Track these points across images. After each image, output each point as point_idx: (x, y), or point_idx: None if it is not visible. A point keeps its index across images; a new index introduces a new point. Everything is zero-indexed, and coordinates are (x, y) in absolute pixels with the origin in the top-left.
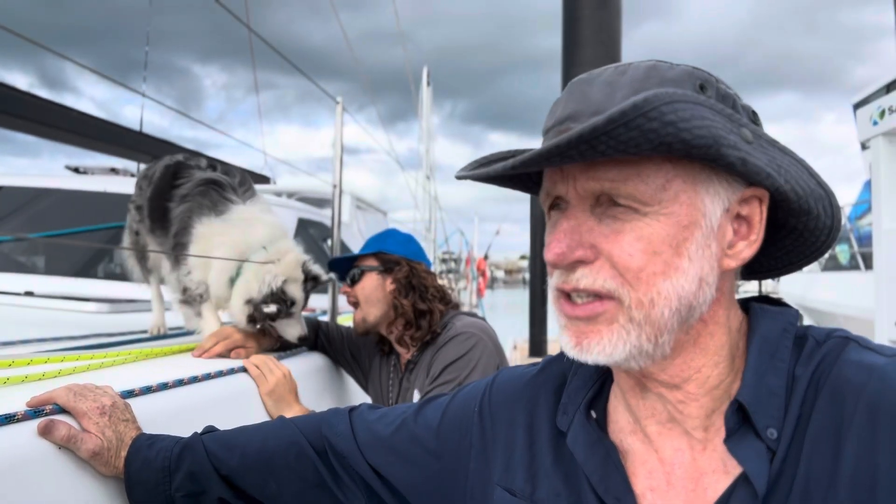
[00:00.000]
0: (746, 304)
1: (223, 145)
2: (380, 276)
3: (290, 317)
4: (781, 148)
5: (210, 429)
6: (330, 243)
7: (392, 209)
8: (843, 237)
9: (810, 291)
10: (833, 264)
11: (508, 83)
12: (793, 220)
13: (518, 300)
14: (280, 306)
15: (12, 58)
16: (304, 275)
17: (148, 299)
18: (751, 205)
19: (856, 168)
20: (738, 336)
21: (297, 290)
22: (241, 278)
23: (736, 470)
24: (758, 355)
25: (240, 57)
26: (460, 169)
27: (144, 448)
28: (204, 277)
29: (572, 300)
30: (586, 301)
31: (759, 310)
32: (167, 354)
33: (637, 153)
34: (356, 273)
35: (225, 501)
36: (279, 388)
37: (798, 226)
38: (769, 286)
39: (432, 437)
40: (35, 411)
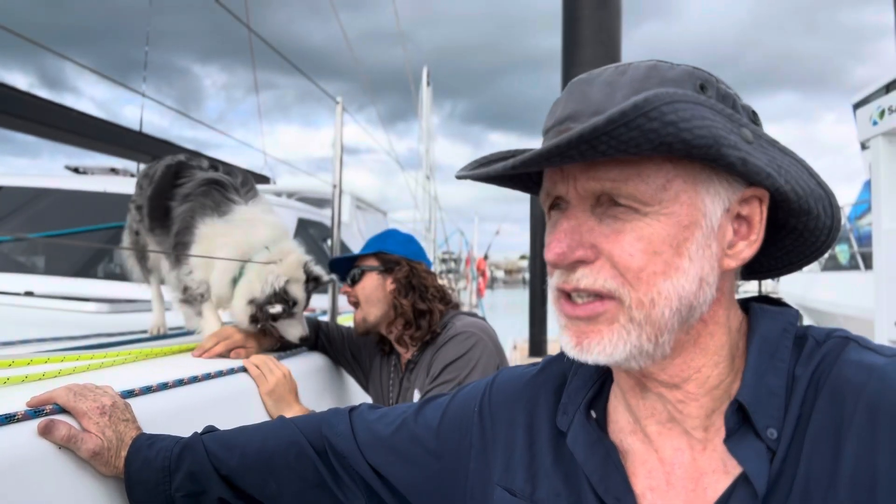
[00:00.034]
0: (746, 305)
1: (223, 145)
2: (380, 275)
3: (292, 317)
4: (781, 148)
5: (210, 429)
6: (330, 243)
7: (392, 209)
8: (843, 237)
9: (810, 291)
10: (833, 264)
11: (508, 83)
12: (793, 220)
13: (518, 300)
14: (284, 307)
15: (12, 58)
16: (306, 275)
17: (148, 299)
18: (751, 205)
19: (856, 168)
20: (738, 336)
21: (299, 290)
22: (243, 278)
23: (736, 470)
24: (758, 355)
25: (240, 57)
26: (460, 169)
27: (144, 448)
28: (205, 277)
29: (572, 300)
30: (587, 301)
31: (758, 310)
32: (167, 354)
33: (637, 153)
34: (356, 273)
35: (225, 501)
36: (279, 387)
37: (798, 226)
38: (769, 286)
39: (432, 436)
40: (35, 411)
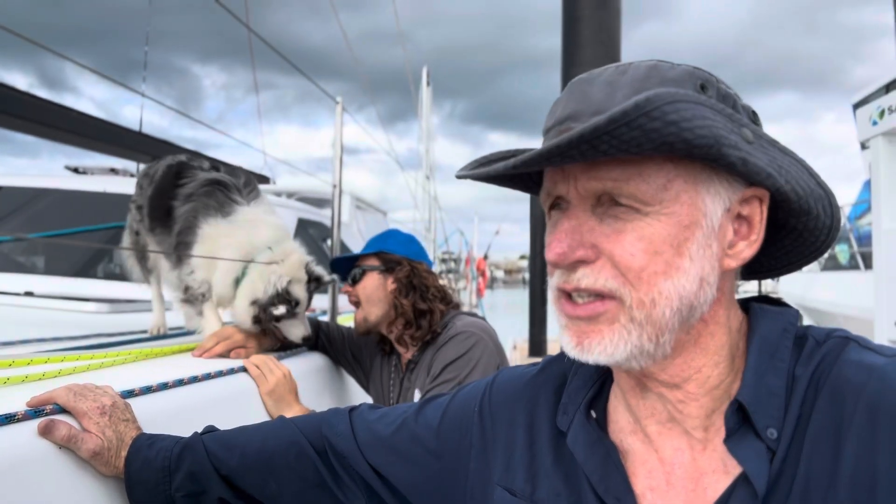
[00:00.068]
0: (746, 305)
1: (223, 145)
2: (381, 275)
3: (294, 317)
4: (781, 148)
5: (210, 429)
6: (330, 243)
7: (392, 209)
8: (843, 237)
9: (810, 291)
10: (833, 264)
11: (508, 83)
12: (793, 220)
13: (518, 300)
14: (288, 307)
15: (12, 58)
16: (308, 275)
17: (148, 299)
18: (751, 205)
19: (855, 168)
20: (738, 336)
21: (301, 290)
22: (246, 279)
23: (736, 470)
24: (758, 355)
25: (239, 57)
26: (461, 168)
27: (144, 448)
28: (207, 276)
29: (573, 300)
30: (587, 301)
31: (759, 310)
32: (167, 354)
33: (639, 153)
34: (357, 272)
35: (225, 501)
36: (279, 387)
37: (798, 226)
38: (769, 286)
39: (432, 436)
40: (35, 411)
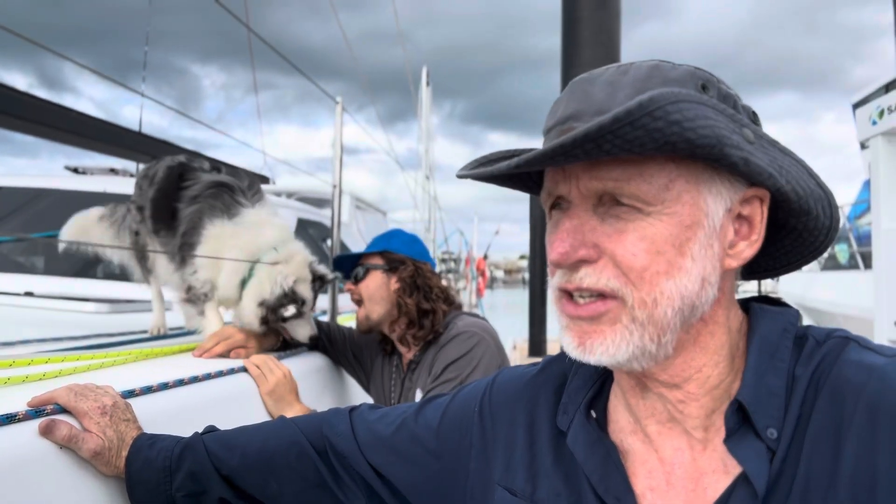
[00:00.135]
0: (747, 305)
1: (222, 145)
2: (384, 274)
3: (301, 317)
4: (782, 148)
5: (211, 429)
6: (329, 243)
7: (391, 209)
8: (843, 237)
9: (810, 291)
10: (832, 264)
11: (508, 83)
12: (793, 220)
13: (517, 300)
14: (297, 307)
15: (11, 58)
16: (312, 274)
17: (148, 299)
18: (752, 205)
19: (855, 168)
20: (738, 336)
21: (306, 289)
22: (252, 280)
23: (736, 470)
24: (758, 355)
25: (239, 57)
26: (461, 168)
27: (145, 448)
28: (210, 276)
29: (574, 300)
30: (589, 301)
31: (759, 310)
32: (167, 354)
33: (641, 152)
34: (360, 271)
35: (226, 501)
36: (279, 387)
37: (798, 226)
38: (768, 285)
39: (432, 436)
40: (36, 411)
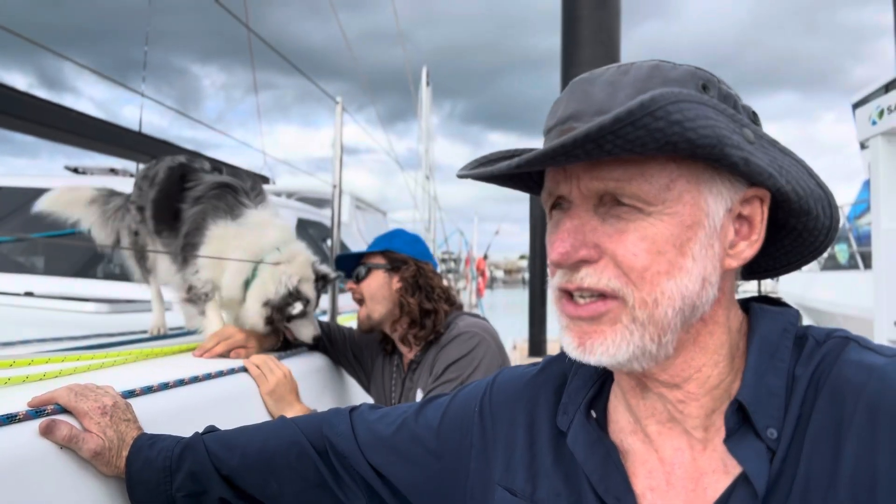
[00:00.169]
0: (747, 305)
1: (222, 145)
2: (386, 273)
3: (304, 317)
4: (782, 148)
5: (211, 429)
6: (329, 243)
7: (391, 209)
8: (842, 236)
9: (809, 291)
10: (832, 264)
11: (508, 83)
12: (793, 220)
13: (517, 300)
14: (303, 305)
15: (11, 58)
16: (315, 274)
17: (148, 299)
18: (752, 205)
19: (855, 167)
20: (738, 336)
21: (310, 289)
22: (256, 280)
23: (736, 470)
24: (758, 355)
25: (239, 57)
26: (462, 168)
27: (145, 448)
28: (211, 276)
29: (574, 300)
30: (589, 301)
31: (759, 310)
32: (168, 354)
33: (642, 152)
34: (362, 270)
35: (226, 501)
36: (280, 387)
37: (797, 226)
38: (768, 285)
39: (433, 436)
40: (36, 411)
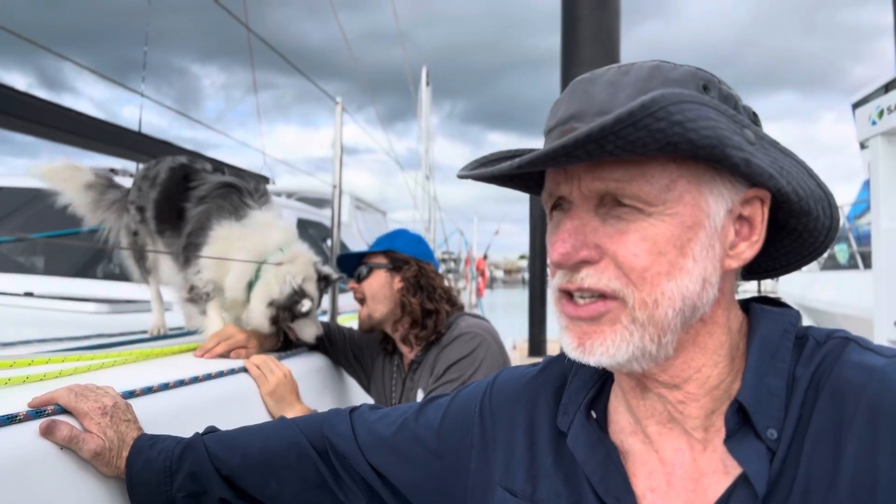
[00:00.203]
0: (747, 305)
1: (222, 145)
2: (388, 273)
3: (307, 317)
4: (782, 149)
5: (211, 429)
6: (329, 243)
7: (391, 209)
8: (842, 236)
9: (809, 291)
10: (832, 263)
11: (508, 83)
12: (793, 221)
13: (517, 300)
14: (311, 303)
15: (11, 58)
16: (317, 274)
17: (148, 300)
18: (753, 206)
19: (855, 167)
20: (738, 337)
21: (313, 288)
22: (260, 281)
23: (736, 470)
24: (758, 356)
25: (238, 57)
26: (462, 168)
27: (146, 448)
28: (214, 277)
29: (574, 300)
30: (589, 301)
31: (759, 310)
32: (168, 355)
33: (643, 153)
34: (364, 270)
35: (226, 501)
36: (280, 388)
37: (798, 227)
38: (768, 285)
39: (433, 437)
40: (37, 412)
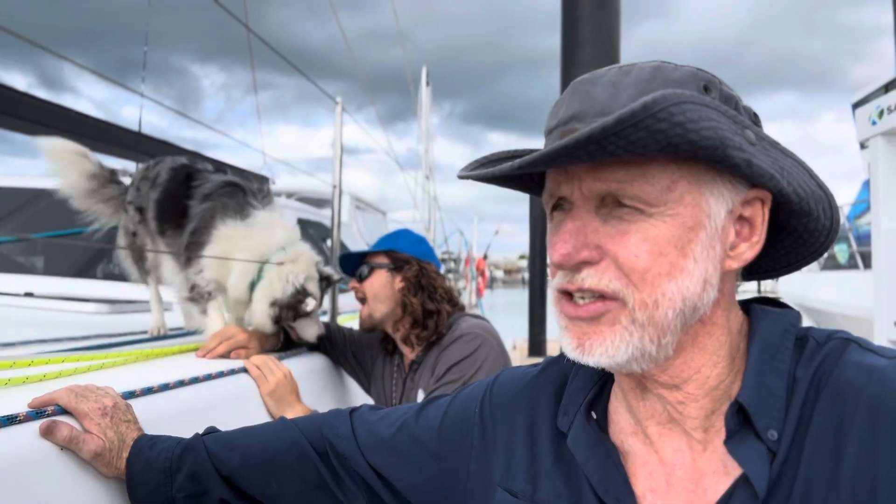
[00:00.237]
0: (747, 306)
1: (222, 145)
2: (389, 273)
3: (309, 316)
4: (782, 150)
5: (211, 429)
6: (329, 243)
7: (391, 209)
8: (842, 236)
9: (809, 291)
10: (832, 263)
11: (507, 83)
12: (793, 221)
13: (517, 300)
14: (315, 301)
15: (11, 58)
16: (319, 274)
17: (148, 300)
18: (753, 206)
19: (855, 167)
20: (738, 337)
21: (315, 288)
22: (263, 281)
23: (736, 471)
24: (758, 356)
25: (238, 57)
26: (462, 168)
27: (146, 449)
28: (216, 276)
29: (574, 301)
30: (589, 301)
31: (759, 311)
32: (168, 355)
33: (644, 154)
34: (365, 269)
35: (226, 502)
36: (280, 388)
37: (798, 227)
38: (768, 285)
39: (433, 437)
40: (37, 412)
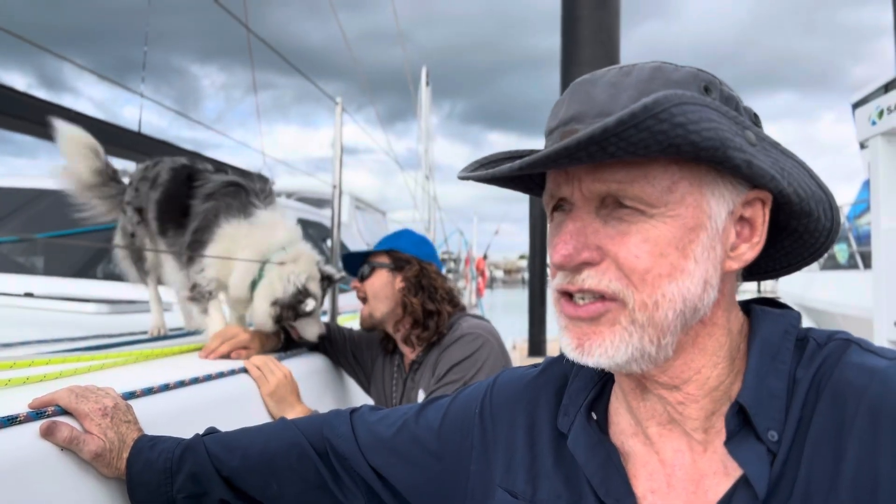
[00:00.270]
0: (748, 307)
1: (222, 145)
2: (390, 273)
3: (310, 316)
4: (783, 150)
5: (211, 430)
6: (329, 243)
7: (391, 209)
8: (842, 236)
9: (809, 291)
10: (832, 263)
11: (507, 83)
12: (794, 222)
13: (517, 300)
14: (315, 301)
15: (11, 58)
16: (320, 274)
17: (147, 300)
18: (754, 207)
19: (855, 167)
20: (738, 338)
21: (316, 287)
22: (264, 280)
23: (736, 472)
24: (759, 357)
25: (238, 57)
26: (462, 169)
27: (146, 449)
28: (217, 275)
29: (574, 301)
30: (589, 301)
31: (760, 312)
32: (168, 355)
33: (645, 154)
34: (366, 269)
35: (226, 502)
36: (280, 388)
37: (798, 228)
38: (768, 285)
39: (433, 438)
40: (37, 413)
